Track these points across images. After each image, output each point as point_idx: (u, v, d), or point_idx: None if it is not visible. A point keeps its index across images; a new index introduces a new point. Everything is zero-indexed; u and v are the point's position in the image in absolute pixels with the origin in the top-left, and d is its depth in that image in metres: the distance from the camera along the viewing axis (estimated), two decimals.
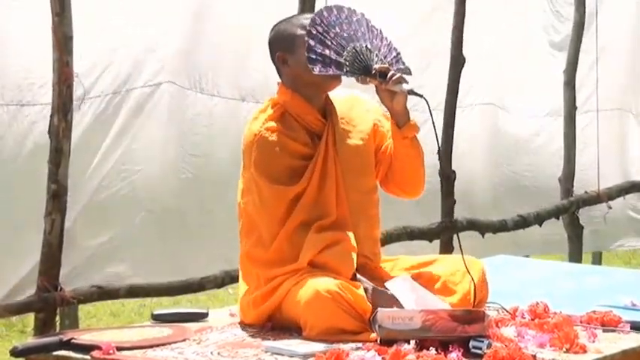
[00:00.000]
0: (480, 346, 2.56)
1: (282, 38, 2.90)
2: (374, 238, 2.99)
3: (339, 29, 2.86)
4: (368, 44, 2.88)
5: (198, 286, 4.08)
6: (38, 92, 3.65)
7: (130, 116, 3.91)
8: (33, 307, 3.57)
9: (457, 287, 2.91)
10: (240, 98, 4.23)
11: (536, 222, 5.54)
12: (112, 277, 3.86)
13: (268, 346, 2.64)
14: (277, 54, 2.90)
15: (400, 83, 2.85)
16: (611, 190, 5.91)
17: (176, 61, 4.02)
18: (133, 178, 3.91)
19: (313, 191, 2.86)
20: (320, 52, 2.82)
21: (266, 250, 2.85)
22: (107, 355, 2.59)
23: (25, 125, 3.64)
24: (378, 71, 2.85)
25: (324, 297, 2.70)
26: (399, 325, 2.59)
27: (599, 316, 2.93)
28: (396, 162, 2.97)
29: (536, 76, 5.66)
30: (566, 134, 5.69)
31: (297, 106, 2.90)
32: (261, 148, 2.84)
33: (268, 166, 2.84)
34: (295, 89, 2.90)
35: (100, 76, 3.76)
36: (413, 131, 2.93)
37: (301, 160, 2.88)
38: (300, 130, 2.90)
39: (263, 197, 2.85)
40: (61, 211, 3.52)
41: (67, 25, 3.48)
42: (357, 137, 2.96)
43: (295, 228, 2.83)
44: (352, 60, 2.86)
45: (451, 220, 4.96)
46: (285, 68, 2.91)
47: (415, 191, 3.05)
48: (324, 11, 2.88)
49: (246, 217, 2.90)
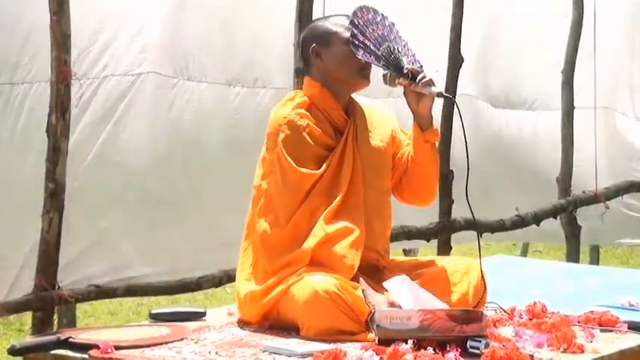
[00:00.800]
0: (478, 346, 2.57)
1: (318, 32, 2.99)
2: (386, 236, 3.05)
3: (375, 27, 2.97)
4: (399, 48, 2.98)
5: (196, 285, 4.08)
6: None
7: (115, 107, 3.89)
8: (31, 306, 3.57)
9: (455, 288, 2.92)
10: (226, 83, 4.23)
11: (534, 222, 5.55)
12: (107, 270, 3.85)
13: (266, 346, 2.64)
14: (312, 46, 2.98)
15: (429, 85, 2.93)
16: (609, 189, 5.92)
17: (159, 50, 3.99)
18: (121, 169, 3.89)
19: (329, 177, 2.92)
20: (362, 40, 2.93)
21: (282, 230, 2.88)
22: (105, 354, 2.58)
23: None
24: (410, 71, 2.93)
25: (322, 297, 2.71)
26: (396, 324, 2.59)
27: (596, 316, 2.93)
28: (414, 166, 3.03)
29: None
30: (564, 135, 5.69)
31: (323, 100, 2.98)
32: (291, 130, 2.91)
33: (295, 148, 2.90)
34: (324, 84, 2.98)
35: (80, 65, 3.71)
36: (435, 136, 3.01)
37: (324, 150, 2.94)
38: (325, 123, 2.97)
39: (286, 177, 2.89)
40: (58, 210, 3.51)
41: (66, 23, 3.47)
42: (377, 139, 3.04)
43: (311, 211, 2.88)
44: (388, 56, 2.95)
45: (449, 219, 4.96)
46: (318, 62, 2.98)
47: (428, 198, 3.11)
48: (363, 8, 2.99)
49: (267, 198, 2.93)
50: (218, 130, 4.17)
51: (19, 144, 3.64)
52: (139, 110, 3.94)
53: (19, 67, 3.62)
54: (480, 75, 5.31)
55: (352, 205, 2.92)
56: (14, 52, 3.61)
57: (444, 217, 4.95)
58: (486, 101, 5.47)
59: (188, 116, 4.11)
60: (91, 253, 3.82)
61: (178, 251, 4.07)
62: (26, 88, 3.63)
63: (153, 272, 3.98)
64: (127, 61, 3.90)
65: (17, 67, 3.61)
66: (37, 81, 3.63)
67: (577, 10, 5.67)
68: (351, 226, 2.87)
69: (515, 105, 5.66)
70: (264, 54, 4.33)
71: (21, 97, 3.63)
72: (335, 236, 2.85)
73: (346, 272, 2.82)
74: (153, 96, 3.99)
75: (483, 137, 5.39)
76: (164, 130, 4.03)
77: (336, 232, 2.85)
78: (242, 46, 4.22)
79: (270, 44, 4.34)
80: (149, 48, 3.95)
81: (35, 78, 3.63)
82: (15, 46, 3.60)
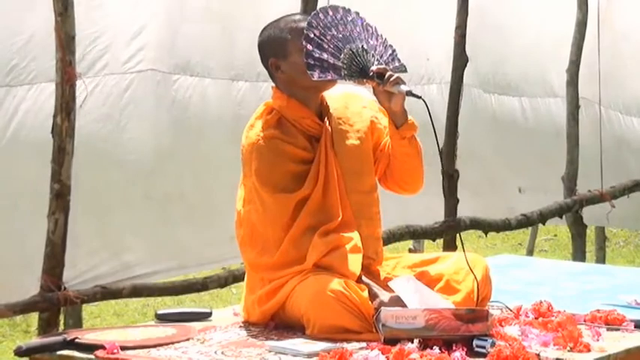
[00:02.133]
0: (484, 345, 2.56)
1: (273, 44, 2.87)
2: (376, 236, 2.98)
3: (335, 31, 2.84)
4: (364, 44, 2.86)
5: (201, 285, 4.08)
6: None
7: (115, 105, 3.88)
8: (37, 307, 3.57)
9: (460, 286, 2.90)
10: (229, 78, 4.22)
11: (539, 221, 5.54)
12: (118, 268, 3.85)
13: (272, 346, 2.64)
14: (270, 60, 2.88)
15: (398, 84, 2.84)
16: (615, 189, 5.91)
17: (159, 47, 3.97)
18: (125, 167, 3.89)
19: (318, 196, 2.85)
20: (318, 56, 2.81)
21: (271, 257, 2.84)
22: (111, 355, 2.59)
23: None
24: (376, 73, 2.84)
25: (328, 296, 2.71)
26: (402, 324, 2.59)
27: (603, 314, 2.92)
28: (395, 161, 2.96)
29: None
30: (569, 134, 5.68)
31: (293, 111, 2.89)
32: (261, 157, 2.83)
33: (269, 174, 2.83)
34: (291, 94, 2.88)
35: (79, 64, 3.70)
36: (411, 131, 2.92)
37: (302, 165, 2.87)
38: (297, 135, 2.88)
39: (266, 206, 2.84)
40: (64, 211, 3.52)
41: (70, 25, 3.48)
42: (354, 137, 2.95)
43: (301, 233, 2.82)
44: (349, 63, 2.84)
45: (454, 219, 4.95)
46: (279, 74, 2.88)
47: (414, 188, 3.04)
48: (319, 13, 2.85)
49: (249, 227, 2.88)
50: (222, 125, 4.16)
51: (21, 145, 3.64)
52: (141, 108, 3.93)
53: (19, 69, 3.62)
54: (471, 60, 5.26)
55: (344, 217, 2.87)
56: (14, 54, 3.61)
57: (450, 216, 4.94)
58: (479, 87, 5.44)
59: (191, 112, 4.10)
60: (98, 252, 3.82)
61: (185, 247, 4.07)
62: (25, 90, 3.63)
63: (160, 269, 3.98)
64: (127, 59, 3.88)
65: (16, 68, 3.61)
66: (37, 82, 3.63)
67: (581, 10, 5.66)
68: (347, 236, 2.83)
69: (507, 90, 5.63)
70: None
71: (18, 99, 3.63)
72: (334, 247, 2.81)
73: (350, 277, 2.80)
74: (154, 93, 3.98)
75: (481, 123, 5.37)
76: (167, 127, 4.03)
77: (335, 243, 2.81)
78: (243, 41, 4.20)
79: None
80: (149, 45, 3.94)
81: (35, 80, 3.63)
82: (14, 49, 3.60)
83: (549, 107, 5.75)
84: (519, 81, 5.58)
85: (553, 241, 9.00)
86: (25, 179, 3.64)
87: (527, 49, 5.56)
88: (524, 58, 5.57)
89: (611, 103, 6.00)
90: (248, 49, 4.20)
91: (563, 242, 8.62)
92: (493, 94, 5.47)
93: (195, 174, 4.11)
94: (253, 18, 4.24)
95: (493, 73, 5.45)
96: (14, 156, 3.62)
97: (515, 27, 5.51)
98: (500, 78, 5.49)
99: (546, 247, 8.76)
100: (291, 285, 2.81)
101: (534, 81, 5.67)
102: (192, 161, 4.10)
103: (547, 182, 5.68)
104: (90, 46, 3.76)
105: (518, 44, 5.52)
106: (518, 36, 5.52)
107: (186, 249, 4.08)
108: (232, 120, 4.20)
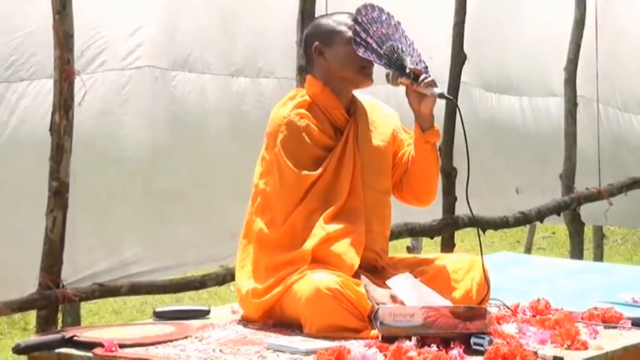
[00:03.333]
0: (482, 343, 2.57)
1: (322, 31, 2.98)
2: (385, 235, 3.04)
3: (380, 26, 2.96)
4: (403, 47, 2.97)
5: (199, 283, 4.09)
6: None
7: (113, 102, 3.88)
8: (35, 305, 3.58)
9: (459, 284, 2.92)
10: (229, 74, 4.22)
11: (537, 218, 5.55)
12: (116, 266, 3.84)
13: (270, 343, 2.64)
14: (315, 44, 2.97)
15: (431, 86, 2.92)
16: (612, 186, 5.91)
17: (157, 43, 3.97)
18: (124, 163, 3.89)
19: (327, 179, 2.91)
20: (364, 38, 2.92)
21: (277, 230, 2.88)
22: (109, 353, 2.59)
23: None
24: (412, 71, 2.92)
25: (325, 294, 2.71)
26: (400, 322, 2.59)
27: (600, 312, 2.93)
28: (415, 166, 3.02)
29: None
30: (567, 132, 5.69)
31: (325, 99, 2.97)
32: (290, 131, 2.91)
33: (294, 149, 2.90)
34: (326, 82, 2.97)
35: (77, 61, 3.70)
36: (436, 137, 3.00)
37: (324, 151, 2.94)
38: (325, 122, 2.96)
39: (284, 178, 2.89)
40: (62, 209, 3.52)
41: (68, 23, 3.48)
42: (378, 138, 3.03)
43: (308, 213, 2.88)
44: (390, 55, 2.94)
45: (452, 216, 4.96)
46: (320, 60, 2.97)
47: (428, 198, 3.11)
48: (367, 6, 2.98)
49: (264, 198, 2.94)
50: (222, 120, 4.16)
51: (20, 142, 3.64)
52: (139, 104, 3.93)
53: (18, 65, 3.61)
54: (471, 60, 5.26)
55: (352, 207, 2.92)
56: (13, 50, 3.61)
57: (448, 214, 4.95)
58: (480, 87, 5.44)
59: (190, 108, 4.10)
60: (97, 249, 3.82)
61: (184, 245, 4.07)
62: (24, 86, 3.63)
63: (159, 267, 3.98)
64: (125, 55, 3.88)
65: (15, 64, 3.61)
66: (37, 78, 3.63)
67: (579, 9, 5.66)
68: (351, 227, 2.87)
69: (507, 89, 5.63)
70: (266, 44, 4.30)
71: (18, 94, 3.63)
72: (335, 236, 2.85)
73: (346, 271, 2.82)
74: (152, 89, 3.98)
75: (481, 122, 5.38)
76: (166, 123, 4.02)
77: (336, 232, 2.85)
78: (243, 37, 4.21)
79: (271, 34, 4.31)
80: (147, 42, 3.93)
81: (35, 75, 3.63)
82: (13, 44, 3.60)
83: (549, 107, 5.76)
84: (519, 80, 5.59)
85: (551, 239, 9.01)
86: (24, 176, 3.64)
87: (527, 49, 5.57)
88: (524, 58, 5.58)
89: (609, 101, 6.01)
90: (248, 44, 4.21)
91: (561, 240, 8.64)
92: (494, 94, 5.49)
93: (195, 170, 4.11)
94: (253, 13, 4.25)
95: (494, 73, 5.47)
96: (14, 152, 3.62)
97: (515, 26, 5.52)
98: (501, 77, 5.50)
99: (544, 244, 8.77)
100: (287, 283, 2.81)
101: (534, 80, 5.68)
102: (191, 158, 4.10)
103: (545, 182, 5.68)
104: (88, 42, 3.76)
105: (519, 44, 5.53)
106: (519, 35, 5.53)
107: (185, 246, 4.08)
108: (232, 116, 4.20)
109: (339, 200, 2.90)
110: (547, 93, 5.75)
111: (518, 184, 5.53)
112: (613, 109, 6.03)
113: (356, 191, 2.93)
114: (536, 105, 5.70)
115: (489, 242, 8.36)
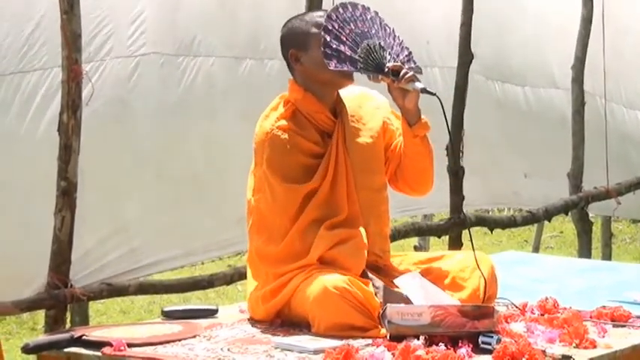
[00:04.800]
0: (490, 342, 2.57)
1: (295, 36, 2.91)
2: (383, 235, 3.00)
3: (353, 26, 2.89)
4: (381, 42, 2.90)
5: (207, 282, 4.09)
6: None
7: (121, 90, 3.88)
8: (43, 304, 3.58)
9: (466, 283, 2.91)
10: (234, 56, 4.21)
11: (545, 218, 5.54)
12: (126, 254, 3.84)
13: (278, 342, 2.65)
14: (290, 51, 2.92)
15: (413, 82, 2.87)
16: (621, 185, 5.90)
17: (160, 30, 3.95)
18: (134, 151, 3.89)
19: (326, 189, 2.88)
20: (335, 47, 2.85)
21: (277, 246, 2.86)
22: (118, 352, 2.59)
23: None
24: (391, 69, 2.87)
25: (332, 293, 2.71)
26: (408, 320, 2.59)
27: (608, 311, 2.93)
28: (406, 160, 2.98)
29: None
30: (574, 131, 5.68)
31: (308, 105, 2.91)
32: (273, 147, 2.86)
33: (281, 164, 2.86)
34: (307, 87, 2.91)
35: (85, 49, 3.69)
36: (424, 130, 2.94)
37: (312, 159, 2.89)
38: (310, 129, 2.91)
39: (275, 195, 2.86)
40: (71, 208, 3.53)
41: (76, 23, 3.48)
42: (366, 135, 2.97)
43: (307, 225, 2.85)
44: (366, 57, 2.87)
45: (460, 216, 4.95)
46: (298, 66, 2.92)
47: (424, 189, 3.06)
48: (339, 7, 2.90)
49: (258, 215, 2.91)
50: (230, 103, 4.15)
51: (32, 137, 3.64)
52: (147, 91, 3.93)
53: (29, 55, 3.62)
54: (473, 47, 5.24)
55: (350, 212, 2.89)
56: (24, 40, 3.61)
57: (455, 213, 4.94)
58: (480, 74, 5.43)
59: (198, 93, 4.09)
60: (107, 239, 3.82)
61: (193, 232, 4.05)
62: (38, 75, 3.63)
63: (167, 257, 3.97)
64: (129, 43, 3.87)
65: (27, 55, 3.61)
66: (49, 67, 3.63)
67: (586, 7, 5.65)
68: (353, 231, 2.85)
69: (508, 78, 5.62)
70: (268, 25, 4.26)
71: (33, 84, 3.63)
72: (339, 242, 2.83)
73: (354, 272, 2.81)
74: (159, 75, 3.97)
75: (484, 109, 5.37)
76: (174, 108, 4.02)
77: (339, 238, 2.83)
78: (245, 19, 4.19)
79: (274, 14, 4.26)
80: (150, 27, 3.92)
81: (47, 65, 3.63)
82: (24, 35, 3.60)
83: (551, 97, 5.75)
84: (521, 70, 5.58)
85: (559, 238, 9.00)
86: (38, 171, 3.64)
87: (527, 40, 5.56)
88: (525, 48, 5.57)
89: (613, 97, 5.99)
90: (250, 26, 4.19)
91: (569, 239, 8.62)
92: (496, 82, 5.48)
93: (206, 154, 4.09)
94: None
95: (495, 61, 5.46)
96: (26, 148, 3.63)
97: (515, 17, 5.52)
98: (503, 66, 5.50)
99: (552, 243, 8.75)
100: (296, 283, 2.82)
101: (536, 71, 5.67)
102: (202, 142, 4.08)
103: (550, 169, 5.67)
104: (93, 31, 3.76)
105: (519, 34, 5.53)
106: (519, 26, 5.53)
107: (194, 234, 4.06)
108: (240, 98, 4.18)
109: (341, 211, 2.87)
110: (548, 84, 5.74)
111: (524, 170, 5.52)
112: (618, 106, 6.02)
113: (352, 196, 2.91)
114: (538, 94, 5.70)
115: (497, 241, 8.35)
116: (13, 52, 3.59)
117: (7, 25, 3.58)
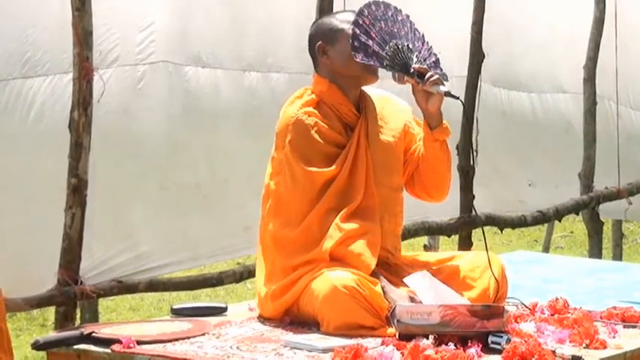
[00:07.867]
0: (499, 342, 2.56)
1: (325, 29, 2.96)
2: (396, 234, 3.02)
3: (383, 24, 2.93)
4: (409, 44, 2.94)
5: (216, 280, 4.09)
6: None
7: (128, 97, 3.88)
8: (53, 301, 3.59)
9: (476, 283, 2.91)
10: (241, 69, 4.23)
11: (555, 217, 5.52)
12: (133, 260, 3.85)
13: (287, 341, 2.65)
14: (318, 44, 2.95)
15: (437, 85, 2.90)
16: (632, 185, 5.88)
17: (170, 39, 3.96)
18: (139, 159, 3.90)
19: (344, 176, 2.90)
20: (364, 41, 2.89)
21: (293, 230, 2.87)
22: (127, 349, 2.60)
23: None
24: (417, 71, 2.90)
25: (341, 292, 2.71)
26: (417, 320, 2.59)
27: (619, 312, 2.92)
28: (424, 164, 3.01)
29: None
30: (586, 131, 5.66)
31: (332, 96, 2.95)
32: (298, 130, 2.89)
33: (303, 148, 2.89)
34: (332, 80, 2.95)
35: (95, 56, 3.69)
36: (445, 134, 2.97)
37: (334, 148, 2.92)
38: (334, 119, 2.95)
39: (296, 178, 2.88)
40: (81, 205, 3.53)
41: (87, 20, 3.49)
42: (388, 134, 3.00)
43: (325, 212, 2.87)
44: (393, 56, 2.91)
45: (470, 215, 4.94)
46: (324, 59, 2.95)
47: (440, 195, 3.08)
48: (372, 5, 2.94)
49: (276, 198, 2.93)
50: (235, 116, 4.17)
51: (39, 138, 3.65)
52: (154, 99, 3.94)
53: (34, 61, 3.63)
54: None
55: (367, 205, 2.91)
56: (28, 46, 3.62)
57: (465, 212, 4.93)
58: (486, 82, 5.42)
59: (204, 103, 4.11)
60: (114, 243, 3.83)
61: (199, 238, 4.07)
62: (40, 82, 3.64)
63: (174, 261, 3.98)
64: (139, 51, 3.88)
65: (30, 60, 3.62)
66: (52, 74, 3.64)
67: (598, 7, 5.63)
68: (367, 225, 2.86)
69: (515, 85, 5.61)
70: (277, 39, 4.30)
71: (34, 90, 3.64)
72: (352, 236, 2.84)
73: (364, 270, 2.82)
74: (166, 85, 3.98)
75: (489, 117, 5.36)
76: (180, 118, 4.03)
77: (353, 231, 2.84)
78: (254, 33, 4.21)
79: (282, 29, 4.31)
80: (160, 37, 3.93)
81: (50, 71, 3.64)
82: (30, 40, 3.61)
83: (558, 104, 5.74)
84: (528, 76, 5.57)
85: (569, 238, 8.97)
86: (43, 172, 3.65)
87: (537, 46, 5.55)
88: (533, 55, 5.56)
89: (621, 99, 5.97)
90: (258, 39, 4.20)
91: (579, 239, 8.60)
92: (502, 89, 5.47)
93: (210, 164, 4.11)
94: (263, 8, 4.24)
95: (503, 69, 5.45)
96: (32, 148, 3.64)
97: (525, 23, 5.50)
98: (510, 74, 5.48)
99: (562, 243, 8.73)
100: (305, 281, 2.82)
101: (543, 77, 5.66)
102: (206, 152, 4.10)
103: (555, 176, 5.65)
104: (102, 37, 3.77)
105: (529, 40, 5.51)
106: (529, 32, 5.51)
107: (200, 240, 4.08)
108: (244, 111, 4.20)
109: (355, 199, 2.89)
110: (555, 90, 5.72)
111: (529, 178, 5.51)
112: (625, 108, 6.00)
113: (370, 189, 2.92)
114: (545, 101, 5.69)
115: (507, 241, 8.34)
116: (16, 57, 3.60)
117: (12, 31, 3.58)
